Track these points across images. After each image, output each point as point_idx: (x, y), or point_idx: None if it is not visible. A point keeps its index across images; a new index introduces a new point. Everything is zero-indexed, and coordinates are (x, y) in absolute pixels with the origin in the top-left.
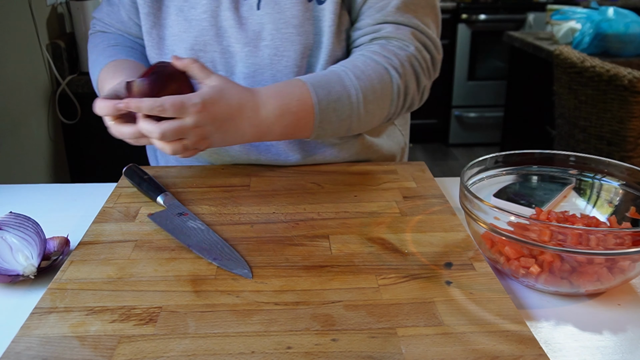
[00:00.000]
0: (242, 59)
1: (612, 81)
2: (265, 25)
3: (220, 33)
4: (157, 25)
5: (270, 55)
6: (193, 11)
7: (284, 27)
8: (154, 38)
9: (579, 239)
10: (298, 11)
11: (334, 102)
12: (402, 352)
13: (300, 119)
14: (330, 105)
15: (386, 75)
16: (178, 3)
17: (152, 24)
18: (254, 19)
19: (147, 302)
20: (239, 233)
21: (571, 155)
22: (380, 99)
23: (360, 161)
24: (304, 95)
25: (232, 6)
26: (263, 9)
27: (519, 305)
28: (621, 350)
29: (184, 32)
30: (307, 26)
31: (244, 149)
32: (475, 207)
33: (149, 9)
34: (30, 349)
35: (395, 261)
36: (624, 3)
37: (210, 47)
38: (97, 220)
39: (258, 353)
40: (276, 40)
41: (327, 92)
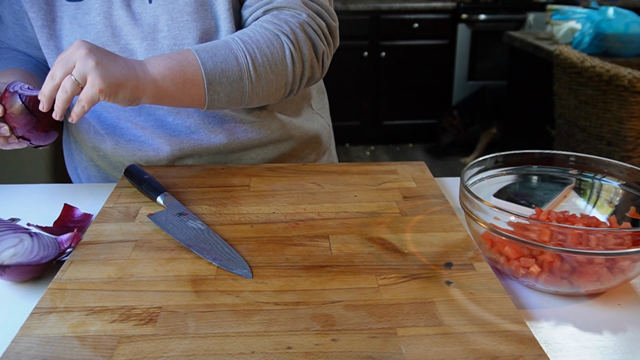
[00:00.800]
0: (142, 54)
1: (612, 81)
2: (160, 17)
3: (116, 32)
4: (53, 37)
5: (170, 46)
6: (87, 17)
7: (179, 16)
8: (52, 50)
9: (579, 239)
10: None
11: (221, 63)
12: (402, 352)
13: (188, 79)
14: (217, 67)
15: (276, 40)
16: (71, 12)
17: (48, 36)
18: (148, 12)
19: (147, 302)
20: (239, 233)
21: (571, 155)
22: (273, 63)
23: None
24: (190, 57)
25: (123, 4)
26: (155, 2)
27: (519, 305)
28: (621, 350)
29: (80, 38)
30: (201, 12)
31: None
32: (475, 207)
33: (42, 21)
34: (30, 349)
35: (395, 261)
36: (624, 3)
37: (109, 48)
38: (97, 220)
39: (258, 353)
40: (173, 29)
41: (213, 54)
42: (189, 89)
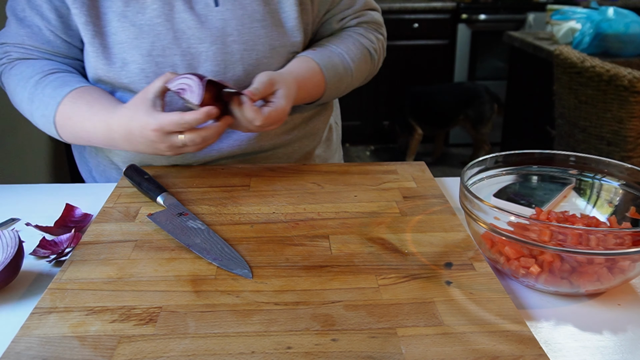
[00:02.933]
0: (209, 58)
1: (612, 81)
2: (229, 22)
3: (179, 36)
4: (99, 34)
5: (240, 51)
6: (141, 16)
7: (249, 22)
8: (97, 48)
9: (579, 239)
10: (258, 5)
11: (337, 82)
12: (402, 352)
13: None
14: (334, 79)
15: (369, 56)
16: (118, 9)
17: (93, 33)
18: (214, 15)
19: (147, 302)
20: (239, 233)
21: (571, 155)
22: (362, 74)
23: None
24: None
25: (186, 7)
26: (222, 5)
27: (519, 305)
28: (621, 350)
29: (135, 38)
30: (269, 19)
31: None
32: (475, 207)
33: (86, 18)
34: (30, 349)
35: (395, 261)
36: (624, 3)
37: (170, 51)
38: (97, 220)
39: (258, 353)
40: (244, 35)
41: (334, 72)
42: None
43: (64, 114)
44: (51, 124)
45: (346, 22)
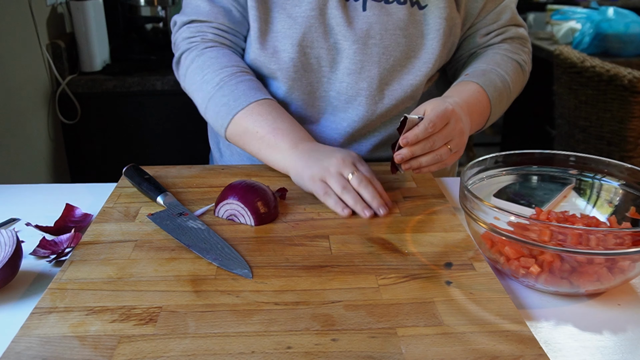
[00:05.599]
0: (350, 56)
1: (612, 81)
2: (373, 25)
3: (328, 30)
4: (260, 20)
5: (379, 54)
6: (297, 9)
7: (392, 29)
8: (255, 32)
9: (579, 239)
10: (403, 15)
11: (499, 96)
12: (402, 352)
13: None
14: (497, 99)
15: (519, 67)
16: (280, 0)
17: (255, 18)
18: (361, 18)
19: (147, 302)
20: (239, 233)
21: (571, 155)
22: (518, 86)
23: None
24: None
25: (339, 5)
26: (369, 10)
27: (519, 305)
28: (621, 350)
29: (289, 28)
30: (411, 29)
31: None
32: (475, 207)
33: (252, 2)
34: (30, 349)
35: (395, 261)
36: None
37: (318, 44)
38: (97, 220)
39: (258, 353)
40: (385, 39)
41: (494, 89)
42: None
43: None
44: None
45: (490, 38)
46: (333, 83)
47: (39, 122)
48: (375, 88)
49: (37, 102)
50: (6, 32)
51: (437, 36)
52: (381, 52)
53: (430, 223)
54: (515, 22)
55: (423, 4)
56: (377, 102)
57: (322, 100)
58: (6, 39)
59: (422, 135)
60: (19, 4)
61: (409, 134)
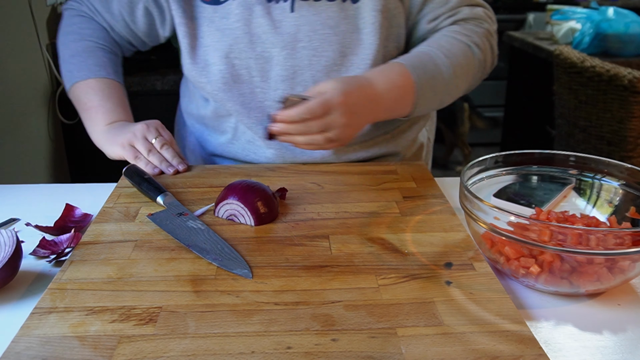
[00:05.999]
0: (280, 62)
1: (612, 81)
2: (301, 27)
3: (254, 39)
4: (189, 35)
5: (309, 56)
6: (225, 21)
7: (321, 28)
8: (185, 47)
9: (579, 239)
10: (333, 12)
11: (430, 79)
12: (402, 352)
13: (404, 94)
14: (427, 83)
15: (468, 51)
16: (208, 14)
17: (184, 34)
18: (289, 21)
19: (147, 302)
20: (239, 233)
21: (571, 155)
22: (466, 73)
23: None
24: (405, 75)
25: (264, 12)
26: (297, 11)
27: (519, 305)
28: (621, 350)
29: (218, 41)
30: (343, 25)
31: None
32: (475, 207)
33: (180, 19)
34: (30, 349)
35: (395, 261)
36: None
37: (245, 54)
38: (97, 220)
39: (258, 353)
40: (314, 41)
41: (424, 71)
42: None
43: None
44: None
45: (439, 22)
46: (267, 92)
47: (39, 122)
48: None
49: (37, 102)
50: (6, 32)
51: (373, 29)
52: (311, 55)
53: (430, 223)
54: (467, 2)
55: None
56: None
57: (259, 111)
58: (6, 39)
59: (296, 119)
60: (19, 4)
61: (284, 112)
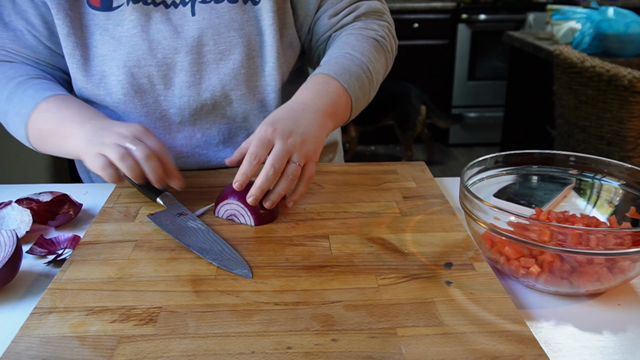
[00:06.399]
0: (184, 68)
1: (612, 81)
2: (205, 31)
3: (154, 46)
4: (80, 46)
5: (216, 60)
6: (120, 28)
7: (225, 31)
8: (77, 60)
9: (579, 239)
10: (236, 14)
11: (356, 80)
12: (402, 352)
13: (338, 98)
14: (356, 85)
15: (379, 45)
16: (100, 22)
17: (74, 45)
18: (190, 25)
19: (147, 302)
20: (239, 233)
21: (571, 155)
22: (381, 67)
23: None
24: (332, 82)
25: (163, 18)
26: (199, 15)
27: (519, 305)
28: (621, 350)
29: (114, 50)
30: (247, 27)
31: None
32: (475, 207)
33: (68, 29)
34: (30, 349)
35: (395, 261)
36: (624, 3)
37: (145, 62)
38: (97, 220)
39: (258, 353)
40: (220, 45)
41: (348, 74)
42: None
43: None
44: (23, 123)
45: (341, 17)
46: (171, 100)
47: None
48: (219, 95)
49: None
50: None
51: (273, 31)
52: (218, 59)
53: (430, 223)
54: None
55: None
56: (225, 108)
57: (164, 120)
58: None
59: (249, 169)
60: None
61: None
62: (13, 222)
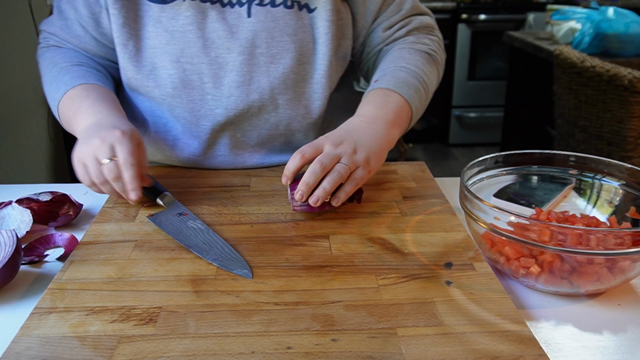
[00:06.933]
0: (235, 68)
1: (612, 81)
2: (259, 33)
3: (208, 44)
4: (134, 37)
5: (267, 63)
6: (174, 22)
7: (279, 35)
8: (130, 50)
9: (579, 239)
10: (290, 19)
11: (416, 92)
12: (402, 352)
13: (399, 109)
14: (414, 96)
15: (431, 58)
16: (154, 13)
17: (128, 36)
18: (245, 26)
19: (147, 302)
20: (239, 233)
21: (571, 155)
22: (434, 79)
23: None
24: (391, 95)
25: (219, 17)
26: (254, 17)
27: (519, 305)
28: (621, 350)
29: (167, 44)
30: (301, 34)
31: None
32: (475, 207)
33: (124, 19)
34: (30, 349)
35: (395, 261)
36: (624, 3)
37: (198, 59)
38: (97, 220)
39: (258, 353)
40: (272, 48)
41: (408, 87)
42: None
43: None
44: (55, 108)
45: (394, 31)
46: (219, 99)
47: (39, 122)
48: (267, 99)
49: (37, 102)
50: (6, 32)
51: (326, 41)
52: (269, 62)
53: (430, 223)
54: (418, 11)
55: (312, 7)
56: (270, 112)
57: (207, 119)
58: (6, 39)
59: (292, 165)
60: (19, 4)
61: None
62: (13, 222)
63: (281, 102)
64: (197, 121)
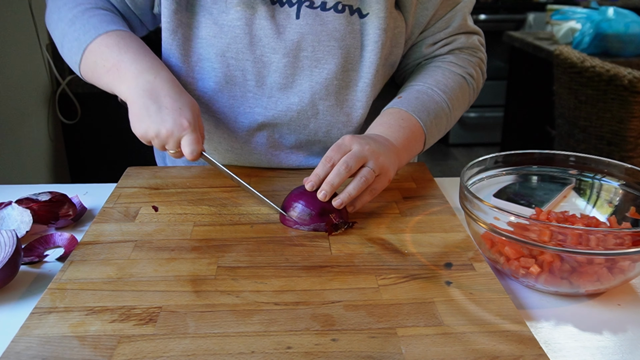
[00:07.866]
0: (279, 69)
1: (612, 81)
2: (306, 36)
3: (255, 42)
4: (184, 25)
5: (310, 67)
6: (224, 16)
7: (326, 40)
8: (179, 38)
9: (579, 239)
10: (340, 24)
11: (434, 119)
12: (402, 352)
13: (413, 135)
14: (432, 122)
15: (464, 83)
16: (206, 4)
17: (178, 23)
18: (293, 27)
19: (147, 302)
20: (239, 233)
21: (571, 155)
22: (462, 104)
23: None
24: (410, 119)
25: (268, 15)
26: (303, 19)
27: (519, 305)
28: (621, 350)
29: (214, 37)
30: (348, 39)
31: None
32: (475, 207)
33: (176, 6)
34: (30, 348)
35: (395, 261)
36: (624, 3)
37: (243, 56)
38: (97, 221)
39: (258, 353)
40: (317, 52)
41: (427, 113)
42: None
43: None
44: (81, 50)
45: (437, 48)
46: (260, 98)
47: (39, 122)
48: (307, 103)
49: (37, 102)
50: (6, 32)
51: (376, 48)
52: (312, 66)
53: (430, 223)
54: (465, 30)
55: (364, 12)
56: (309, 118)
57: (245, 117)
58: (6, 39)
59: (322, 171)
60: (19, 4)
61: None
62: (13, 222)
63: (321, 109)
64: (236, 117)
